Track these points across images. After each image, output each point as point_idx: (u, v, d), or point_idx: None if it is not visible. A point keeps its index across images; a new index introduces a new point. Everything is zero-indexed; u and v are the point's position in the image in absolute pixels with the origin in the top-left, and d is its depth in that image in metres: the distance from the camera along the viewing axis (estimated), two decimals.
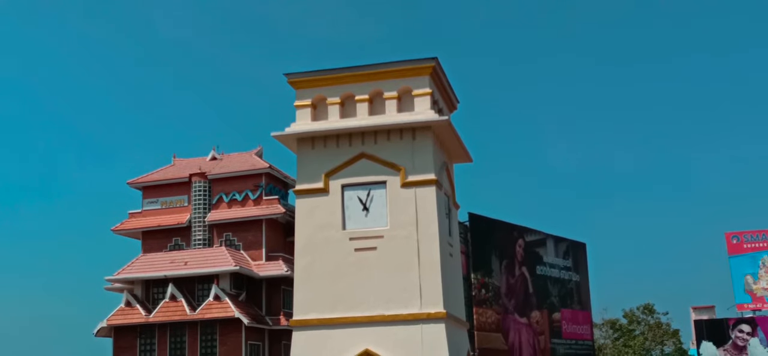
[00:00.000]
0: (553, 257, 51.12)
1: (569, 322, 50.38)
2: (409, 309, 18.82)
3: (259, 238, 55.58)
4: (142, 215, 57.92)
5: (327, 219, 19.61)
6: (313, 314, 19.22)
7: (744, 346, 68.22)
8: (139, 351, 54.51)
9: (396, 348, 18.58)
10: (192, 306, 53.43)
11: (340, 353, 18.81)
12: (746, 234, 74.13)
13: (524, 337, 47.01)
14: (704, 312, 72.14)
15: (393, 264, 19.09)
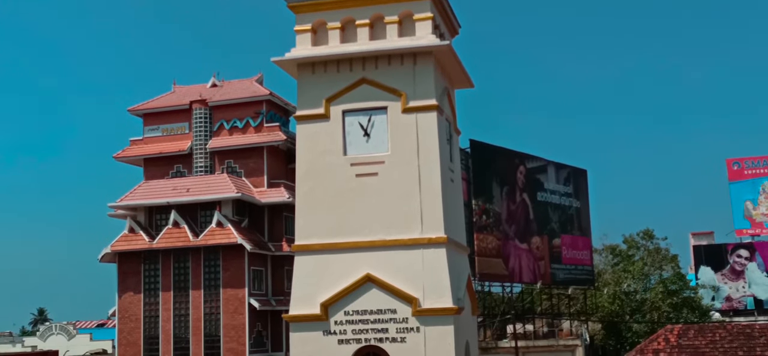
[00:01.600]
0: (554, 183, 51.25)
1: (569, 248, 50.79)
2: (410, 234, 18.94)
3: (261, 165, 55.65)
4: (143, 142, 57.92)
5: (328, 145, 19.59)
6: (315, 239, 19.35)
7: (742, 271, 68.89)
8: (143, 276, 55.08)
9: (397, 272, 18.76)
10: (195, 232, 53.79)
11: (341, 277, 19.01)
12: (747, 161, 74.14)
13: (524, 262, 47.47)
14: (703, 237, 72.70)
15: (394, 189, 19.13)
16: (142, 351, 54.64)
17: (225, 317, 53.56)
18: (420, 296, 18.55)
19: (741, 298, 68.89)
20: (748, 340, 43.33)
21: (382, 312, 18.73)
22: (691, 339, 43.94)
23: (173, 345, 54.45)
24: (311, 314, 18.97)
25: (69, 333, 66.05)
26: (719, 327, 45.90)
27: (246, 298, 52.95)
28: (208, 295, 53.88)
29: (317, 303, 18.94)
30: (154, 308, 54.54)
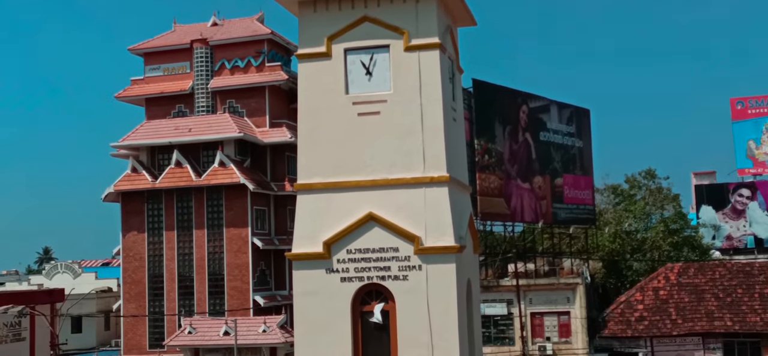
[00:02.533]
0: (557, 123, 51.12)
1: (571, 187, 50.89)
2: (412, 173, 18.96)
3: (263, 105, 55.49)
4: (144, 82, 57.68)
5: (330, 84, 19.50)
6: (317, 178, 19.38)
7: (743, 210, 69.08)
8: (146, 216, 55.36)
9: (399, 211, 18.83)
10: (197, 172, 53.92)
11: (344, 216, 19.09)
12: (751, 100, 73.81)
13: (526, 202, 47.62)
14: (705, 177, 72.74)
15: (396, 128, 19.10)
16: (146, 289, 55.24)
17: (228, 256, 53.97)
18: (422, 234, 18.65)
19: (741, 237, 69.22)
20: (748, 278, 43.75)
21: (384, 250, 18.86)
22: (691, 277, 44.39)
23: (178, 283, 54.98)
24: (314, 252, 19.10)
25: (74, 272, 66.67)
26: (719, 266, 46.39)
27: (249, 238, 53.30)
28: (211, 235, 54.22)
29: (320, 242, 19.06)
30: (158, 247, 54.94)
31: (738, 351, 41.75)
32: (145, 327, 54.84)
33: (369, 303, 19.07)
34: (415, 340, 18.47)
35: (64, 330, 52.33)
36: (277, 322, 46.91)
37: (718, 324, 41.87)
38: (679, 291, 43.61)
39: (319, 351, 18.97)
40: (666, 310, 42.96)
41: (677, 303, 43.07)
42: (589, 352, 42.49)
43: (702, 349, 41.81)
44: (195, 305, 53.99)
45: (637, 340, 42.63)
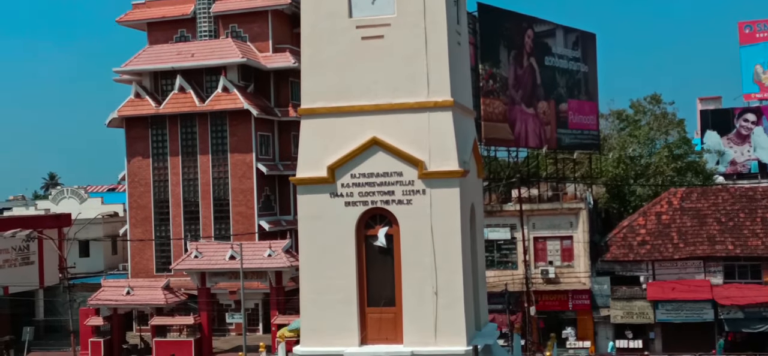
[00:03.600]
0: (562, 48, 50.69)
1: (575, 113, 50.74)
2: (416, 97, 18.88)
3: (266, 30, 55.07)
4: (146, 6, 57.11)
5: (333, 7, 19.28)
6: (321, 103, 19.32)
7: (747, 135, 68.94)
8: (151, 141, 55.47)
9: (403, 135, 18.82)
10: (201, 97, 53.80)
11: (347, 141, 19.08)
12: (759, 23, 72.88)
13: (530, 127, 47.56)
14: (710, 102, 72.42)
15: (400, 52, 18.95)
16: (152, 214, 55.68)
17: (233, 181, 54.23)
18: (426, 159, 18.67)
19: (745, 162, 69.24)
20: (750, 202, 43.93)
21: (388, 174, 18.91)
22: (694, 202, 44.59)
23: (183, 208, 55.38)
24: (318, 177, 19.17)
25: (81, 197, 67.11)
26: (722, 190, 46.54)
27: (253, 163, 53.47)
28: (215, 160, 54.39)
29: (324, 166, 19.10)
30: (162, 172, 55.17)
31: (738, 274, 42.18)
32: (152, 252, 55.46)
33: (373, 227, 19.21)
34: (419, 264, 18.66)
35: (71, 254, 53.03)
36: (282, 247, 47.38)
37: (719, 247, 42.20)
38: (681, 216, 43.84)
39: (323, 275, 19.19)
40: (668, 234, 43.25)
41: (679, 227, 43.33)
42: (591, 276, 42.96)
43: (703, 273, 42.25)
44: (201, 230, 54.49)
45: (639, 264, 43.06)
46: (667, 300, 41.58)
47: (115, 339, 49.45)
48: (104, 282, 51.39)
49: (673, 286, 41.58)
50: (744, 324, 41.21)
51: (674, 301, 41.46)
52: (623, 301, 42.40)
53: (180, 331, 47.71)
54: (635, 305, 42.18)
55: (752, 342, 41.25)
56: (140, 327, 53.78)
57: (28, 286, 53.14)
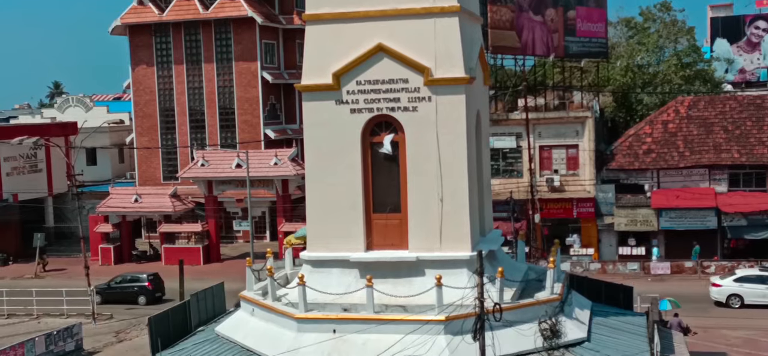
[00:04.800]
0: None
1: (584, 20, 49.98)
2: (422, 3, 18.63)
3: None
4: None
5: None
6: (326, 8, 19.09)
7: (758, 43, 68.10)
8: (155, 49, 55.10)
9: (409, 42, 18.64)
10: (204, 4, 53.19)
11: (353, 47, 18.92)
12: None
13: (538, 35, 46.98)
14: (721, 9, 71.23)
15: None
16: (158, 123, 55.74)
17: (238, 90, 54.06)
18: (432, 65, 18.54)
19: (754, 70, 68.59)
20: (758, 111, 43.71)
21: (394, 81, 18.80)
22: (701, 110, 44.38)
23: (189, 117, 55.37)
24: (323, 84, 19.08)
25: (86, 106, 67.10)
26: (730, 98, 46.26)
27: (258, 71, 53.21)
28: (220, 68, 54.11)
29: (329, 73, 19.00)
30: (167, 81, 54.98)
31: (743, 182, 42.28)
32: (159, 160, 55.74)
33: (378, 134, 19.20)
34: (424, 170, 18.73)
35: (79, 162, 53.33)
36: (288, 155, 47.55)
37: (725, 156, 42.19)
38: (688, 124, 43.70)
39: (329, 182, 19.30)
40: (674, 143, 43.20)
41: (685, 136, 43.25)
42: (595, 184, 43.11)
43: (708, 181, 42.35)
44: (207, 138, 54.63)
45: (644, 173, 43.15)
46: (671, 208, 41.81)
47: (125, 245, 50.16)
48: (112, 189, 51.82)
49: (678, 194, 41.74)
50: (746, 231, 41.52)
51: (678, 209, 41.69)
52: (627, 209, 42.65)
53: (188, 238, 48.34)
54: (639, 213, 42.45)
55: (754, 248, 41.63)
56: (149, 234, 54.47)
57: (37, 193, 53.64)
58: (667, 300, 27.68)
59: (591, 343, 18.59)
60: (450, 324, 17.13)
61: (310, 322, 18.02)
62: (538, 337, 17.67)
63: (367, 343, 17.24)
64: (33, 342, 28.79)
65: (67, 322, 33.59)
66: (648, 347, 19.03)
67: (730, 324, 30.82)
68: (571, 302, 20.04)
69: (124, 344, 32.32)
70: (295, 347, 17.63)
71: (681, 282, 38.98)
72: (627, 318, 21.71)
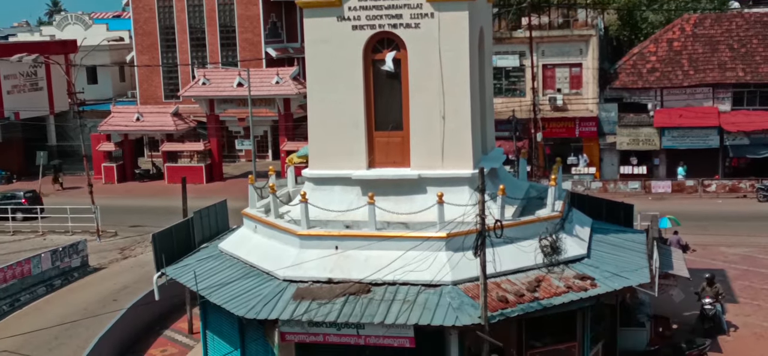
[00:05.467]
0: None
1: None
2: None
3: None
4: None
5: None
6: None
7: None
8: None
9: None
10: None
11: None
12: None
13: None
14: None
15: None
16: (158, 41, 55.24)
17: (239, 7, 53.41)
18: None
19: None
20: (764, 28, 43.21)
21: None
22: (707, 28, 43.88)
23: (189, 35, 54.84)
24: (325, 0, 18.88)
25: (85, 24, 66.39)
26: (737, 16, 45.66)
27: None
28: None
29: None
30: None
31: (747, 101, 42.08)
32: (160, 79, 55.47)
33: (380, 51, 19.05)
34: (426, 88, 18.64)
35: (79, 81, 53.07)
36: (289, 74, 47.26)
37: (729, 74, 41.87)
38: (693, 43, 43.26)
39: (331, 99, 19.23)
40: (678, 61, 42.83)
41: (690, 54, 42.85)
42: (598, 103, 42.92)
43: (711, 100, 42.15)
44: (207, 57, 54.23)
45: (648, 91, 42.91)
46: (674, 127, 41.71)
47: (127, 164, 50.31)
48: (113, 108, 51.71)
49: (681, 113, 41.59)
50: (748, 150, 41.51)
51: (681, 128, 41.60)
52: (630, 128, 42.56)
53: (191, 157, 48.45)
54: (642, 132, 42.37)
55: (755, 167, 41.68)
56: (151, 153, 54.58)
57: (38, 111, 53.56)
58: (667, 218, 27.85)
59: (591, 259, 18.78)
60: (451, 241, 17.29)
61: (313, 239, 18.19)
62: (539, 254, 17.86)
63: (368, 260, 17.43)
64: (39, 258, 29.14)
65: (72, 239, 33.93)
66: (647, 263, 19.23)
67: (728, 242, 31.08)
68: (572, 219, 20.17)
69: (129, 260, 32.72)
70: (298, 263, 17.84)
71: (681, 200, 39.17)
72: (627, 235, 21.89)
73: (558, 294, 17.07)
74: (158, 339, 23.45)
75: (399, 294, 16.85)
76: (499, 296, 16.69)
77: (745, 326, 22.51)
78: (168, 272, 20.75)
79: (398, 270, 16.91)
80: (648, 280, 18.30)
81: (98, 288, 28.89)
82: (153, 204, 41.67)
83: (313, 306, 16.64)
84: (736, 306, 23.92)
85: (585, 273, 17.93)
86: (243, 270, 19.13)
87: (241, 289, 17.99)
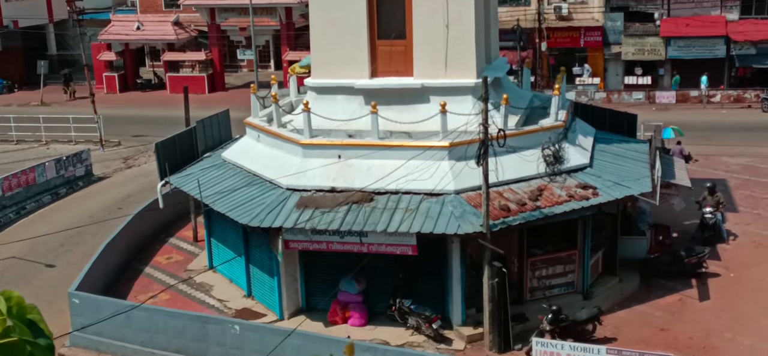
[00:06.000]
0: None
1: None
2: None
3: None
4: None
5: None
6: None
7: None
8: None
9: None
10: None
11: None
12: None
13: None
14: None
15: None
16: None
17: None
18: None
19: None
20: None
21: None
22: None
23: None
24: None
25: None
26: None
27: None
28: None
29: None
30: None
31: (755, 9, 41.40)
32: None
33: None
34: None
35: None
36: None
37: None
38: None
39: (333, 7, 18.99)
40: None
41: None
42: (604, 12, 42.34)
43: (719, 8, 41.52)
44: None
45: (654, 0, 42.26)
46: (680, 37, 41.23)
47: (129, 73, 50.04)
48: (113, 17, 51.12)
49: (687, 22, 41.05)
50: (755, 60, 41.13)
51: (687, 37, 41.12)
52: (635, 38, 42.09)
53: (192, 67, 48.13)
54: (647, 42, 41.91)
55: (761, 77, 41.36)
56: (153, 63, 54.21)
57: (37, 19, 52.98)
58: (671, 128, 27.79)
59: (593, 169, 18.83)
60: (454, 150, 17.31)
61: (316, 148, 18.22)
62: (541, 163, 17.90)
63: (371, 169, 17.49)
64: (43, 167, 29.26)
65: (75, 148, 34.01)
66: (649, 173, 19.28)
67: (731, 152, 31.10)
68: (575, 129, 20.15)
69: (132, 170, 32.86)
70: (301, 171, 17.90)
71: (686, 111, 39.02)
72: (630, 145, 21.90)
73: (560, 202, 17.17)
74: (164, 246, 23.73)
75: (401, 202, 16.97)
76: (501, 205, 16.79)
77: (745, 235, 22.71)
78: (172, 181, 20.87)
79: (401, 179, 16.99)
80: (649, 189, 18.40)
81: (103, 196, 29.10)
82: (155, 113, 41.60)
83: (317, 215, 16.78)
84: (736, 215, 24.09)
85: (587, 183, 18.00)
86: (246, 178, 19.22)
87: (244, 198, 18.11)
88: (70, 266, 22.06)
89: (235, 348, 16.35)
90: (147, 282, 21.25)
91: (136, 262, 22.51)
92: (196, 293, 20.21)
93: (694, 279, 19.90)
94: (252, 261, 19.37)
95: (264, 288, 19.07)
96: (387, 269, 17.49)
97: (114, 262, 21.23)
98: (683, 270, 19.92)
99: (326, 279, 18.08)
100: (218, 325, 16.74)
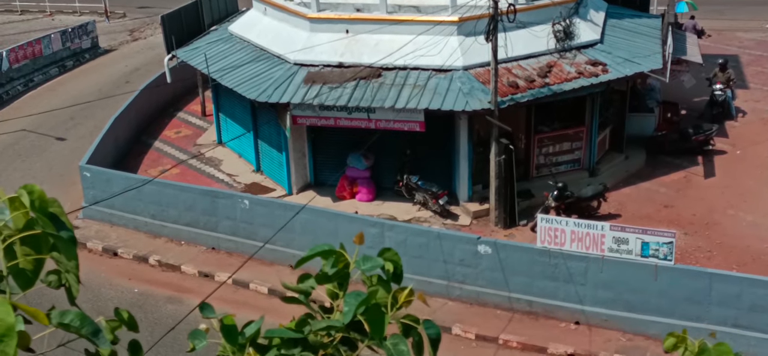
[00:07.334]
0: None
1: None
2: None
3: None
4: None
5: None
6: None
7: None
8: None
9: None
10: None
11: None
12: None
13: None
14: None
15: None
16: None
17: None
18: None
19: None
20: None
21: None
22: None
23: None
24: None
25: None
26: None
27: None
28: None
29: None
30: None
31: None
32: None
33: None
34: None
35: None
36: None
37: None
38: None
39: None
40: None
41: None
42: None
43: None
44: None
45: None
46: None
47: None
48: None
49: None
50: None
51: None
52: None
53: None
54: None
55: None
56: None
57: None
58: (684, 2, 27.23)
59: (603, 45, 18.62)
60: (463, 25, 17.10)
61: (323, 22, 18.01)
62: (551, 39, 17.69)
63: (379, 44, 17.33)
64: (49, 39, 29.05)
65: (80, 20, 33.66)
66: (660, 49, 19.06)
67: (745, 27, 30.59)
68: (587, 3, 19.79)
69: (139, 42, 32.61)
70: (309, 46, 17.76)
71: None
72: (642, 20, 21.56)
73: (569, 79, 17.07)
74: (172, 120, 23.82)
75: (409, 78, 16.90)
76: (510, 81, 16.71)
77: (754, 112, 22.63)
78: (179, 54, 20.75)
79: (409, 55, 16.86)
80: (660, 66, 18.22)
81: (110, 69, 29.00)
82: None
83: (324, 90, 16.75)
84: (746, 92, 23.94)
85: (597, 59, 17.83)
86: (253, 53, 19.10)
87: (252, 72, 18.05)
88: (80, 139, 22.22)
89: (244, 222, 16.64)
90: (156, 156, 21.44)
91: (145, 136, 22.66)
92: (205, 167, 20.42)
93: (701, 157, 19.97)
94: (260, 137, 19.48)
95: (273, 163, 19.25)
96: (394, 145, 17.58)
97: (123, 136, 21.37)
98: (690, 147, 19.96)
99: (334, 155, 18.22)
100: (228, 199, 16.99)
